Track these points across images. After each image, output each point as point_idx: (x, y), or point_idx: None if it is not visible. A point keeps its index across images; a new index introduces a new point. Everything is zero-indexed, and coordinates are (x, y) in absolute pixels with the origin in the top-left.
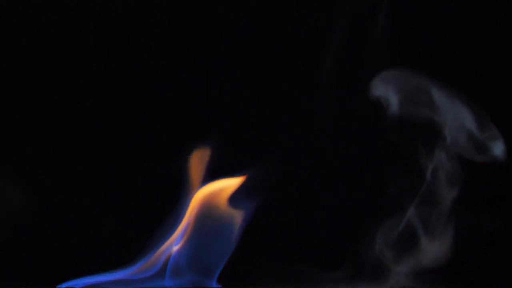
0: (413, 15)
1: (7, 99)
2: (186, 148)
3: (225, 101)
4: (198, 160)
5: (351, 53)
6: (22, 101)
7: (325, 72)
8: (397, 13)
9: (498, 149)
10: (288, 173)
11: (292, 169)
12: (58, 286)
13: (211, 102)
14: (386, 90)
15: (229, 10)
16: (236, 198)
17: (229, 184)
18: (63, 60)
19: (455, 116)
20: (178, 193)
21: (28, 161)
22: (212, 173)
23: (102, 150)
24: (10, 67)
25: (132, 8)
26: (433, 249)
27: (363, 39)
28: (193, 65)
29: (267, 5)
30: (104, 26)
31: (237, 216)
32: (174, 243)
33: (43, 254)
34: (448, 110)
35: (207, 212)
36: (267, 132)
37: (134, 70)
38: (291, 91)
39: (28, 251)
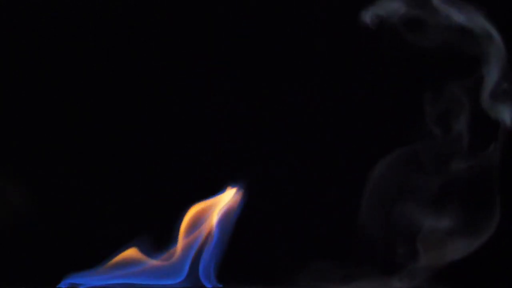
0: None
1: (7, 99)
2: (186, 149)
3: (224, 101)
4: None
5: None
6: (22, 101)
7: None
8: None
9: (507, 114)
10: (287, 172)
11: (292, 168)
12: (58, 286)
13: (211, 102)
14: (391, 10)
15: (229, 10)
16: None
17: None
18: (63, 60)
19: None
20: (178, 193)
21: (28, 161)
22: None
23: (102, 150)
24: (10, 67)
25: (132, 8)
26: (449, 244)
27: None
28: (193, 65)
29: (267, 5)
30: (104, 26)
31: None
32: (185, 248)
33: (43, 254)
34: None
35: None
36: (266, 131)
37: (134, 70)
38: (290, 91)
39: (28, 251)
